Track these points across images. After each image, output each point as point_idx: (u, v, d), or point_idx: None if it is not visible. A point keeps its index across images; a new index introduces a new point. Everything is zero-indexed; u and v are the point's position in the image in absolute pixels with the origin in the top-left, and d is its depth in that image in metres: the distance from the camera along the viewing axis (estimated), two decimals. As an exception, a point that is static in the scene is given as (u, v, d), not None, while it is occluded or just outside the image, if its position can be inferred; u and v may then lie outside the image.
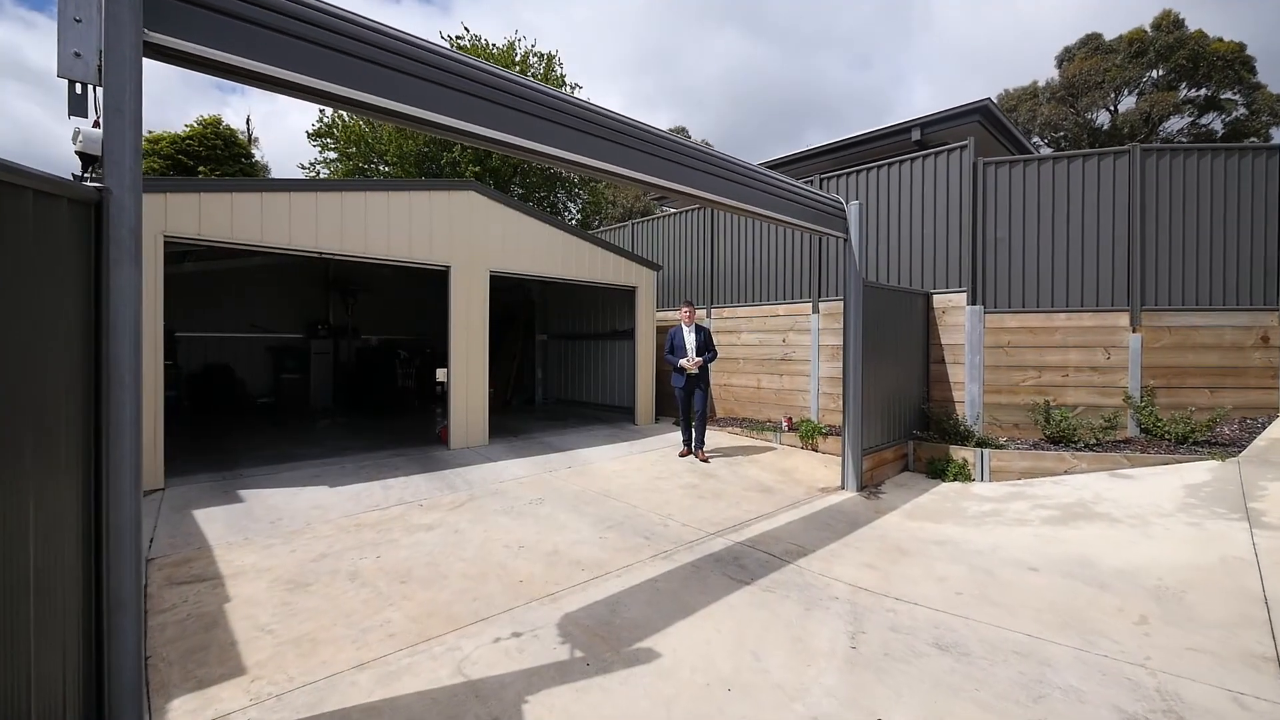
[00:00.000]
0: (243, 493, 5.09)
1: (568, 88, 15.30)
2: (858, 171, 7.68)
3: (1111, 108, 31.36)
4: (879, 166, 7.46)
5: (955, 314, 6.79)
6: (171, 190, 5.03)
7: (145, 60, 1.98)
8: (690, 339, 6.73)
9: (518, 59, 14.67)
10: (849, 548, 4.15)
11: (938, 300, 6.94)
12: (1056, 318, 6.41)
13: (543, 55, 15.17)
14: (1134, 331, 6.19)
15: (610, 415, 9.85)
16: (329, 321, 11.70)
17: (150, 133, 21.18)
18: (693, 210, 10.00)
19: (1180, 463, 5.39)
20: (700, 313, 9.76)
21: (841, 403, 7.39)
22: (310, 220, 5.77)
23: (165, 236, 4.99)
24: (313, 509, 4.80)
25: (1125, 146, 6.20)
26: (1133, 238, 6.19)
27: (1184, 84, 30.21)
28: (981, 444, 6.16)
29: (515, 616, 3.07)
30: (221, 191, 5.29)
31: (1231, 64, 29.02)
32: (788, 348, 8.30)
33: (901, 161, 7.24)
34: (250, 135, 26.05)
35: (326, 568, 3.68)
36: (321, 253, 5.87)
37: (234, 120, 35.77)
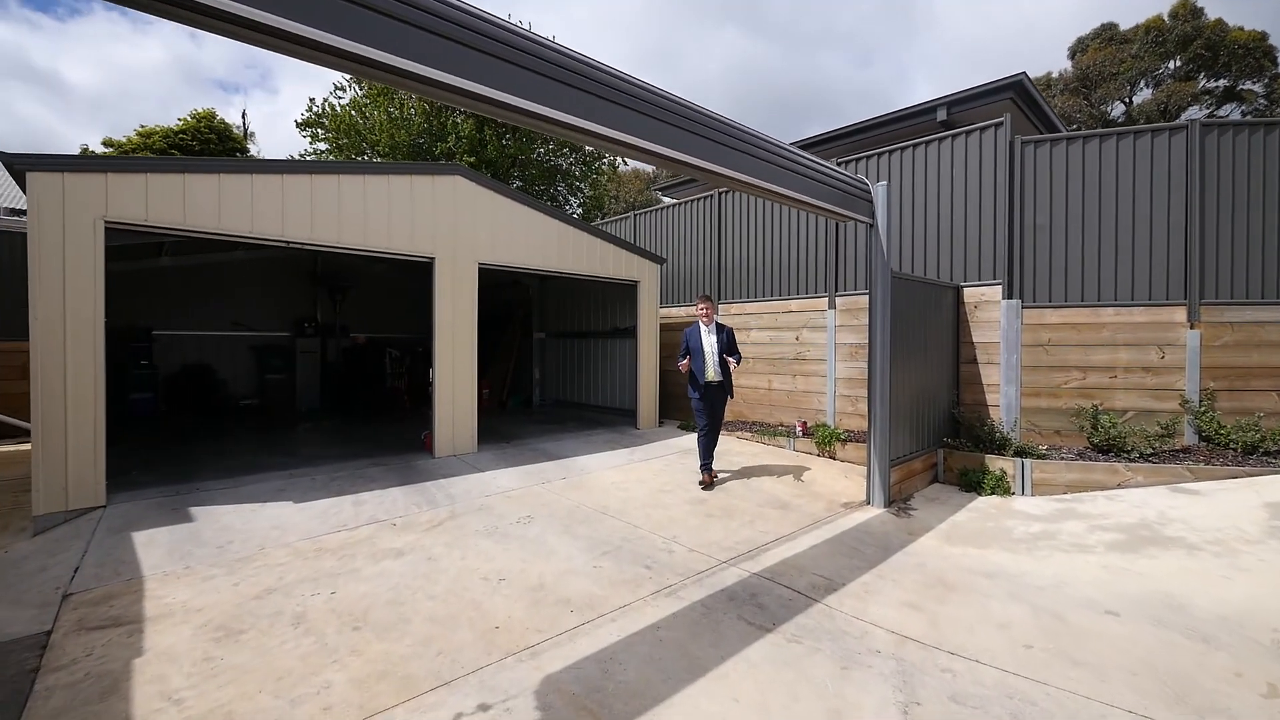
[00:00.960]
0: (195, 510, 4.54)
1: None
2: (878, 155, 7.05)
3: (1127, 99, 30.55)
4: (902, 149, 6.83)
5: (989, 309, 6.17)
6: (113, 170, 4.46)
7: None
8: (710, 341, 5.52)
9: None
10: (885, 580, 3.55)
11: (969, 294, 6.31)
12: (1104, 313, 5.78)
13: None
14: (1191, 328, 5.55)
15: (611, 418, 9.27)
16: (316, 319, 11.15)
17: (142, 126, 20.80)
18: (698, 200, 9.39)
19: (1252, 476, 4.76)
20: (706, 309, 9.15)
21: (864, 407, 6.84)
22: (276, 206, 5.20)
23: (106, 222, 4.42)
24: (271, 529, 4.24)
25: (1182, 122, 5.56)
26: (1190, 223, 5.55)
27: (1202, 74, 29.41)
28: (1021, 453, 5.54)
29: (485, 680, 2.49)
30: (172, 172, 4.72)
31: (1252, 53, 28.19)
32: (801, 346, 7.70)
33: (928, 143, 6.61)
34: (246, 129, 25.54)
35: (270, 607, 3.12)
36: (289, 242, 5.30)
37: (234, 117, 35.29)
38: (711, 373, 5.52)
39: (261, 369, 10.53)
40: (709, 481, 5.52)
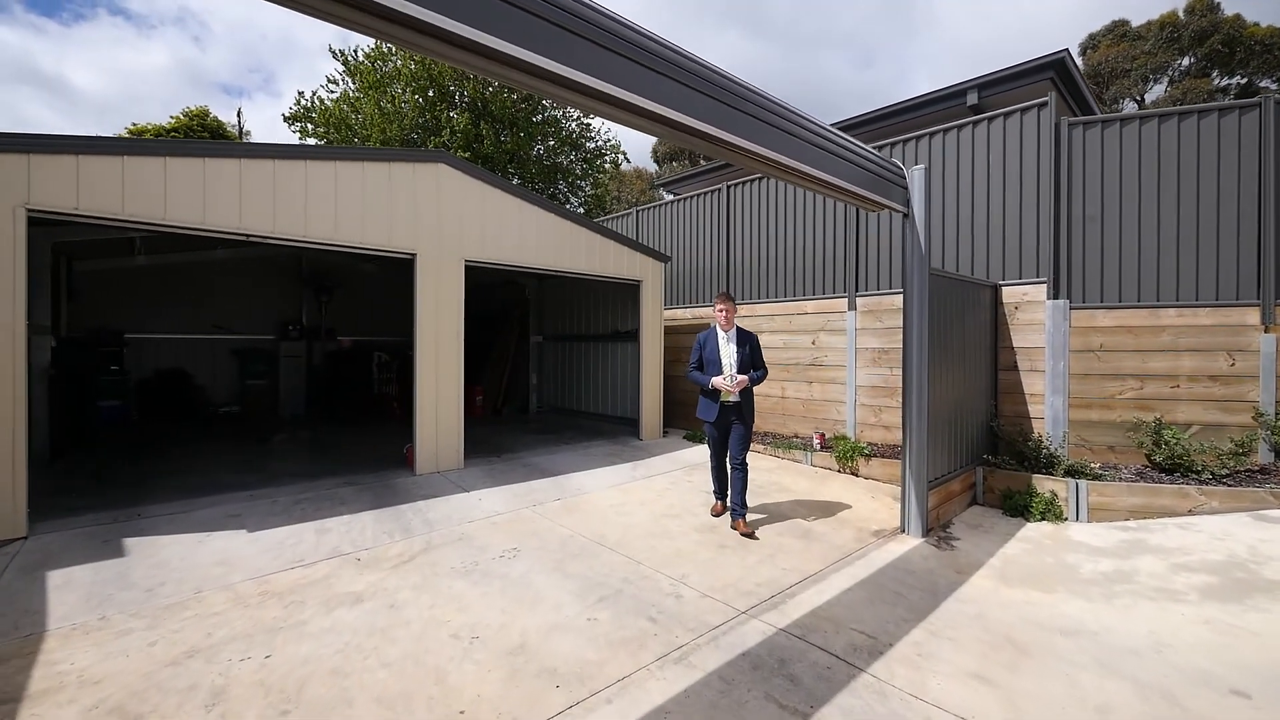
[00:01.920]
0: (131, 541, 3.94)
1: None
2: (904, 142, 6.45)
3: (1139, 97, 29.92)
4: (931, 134, 6.22)
5: (1031, 310, 5.54)
6: (37, 150, 3.88)
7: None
8: (729, 351, 4.41)
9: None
10: (940, 639, 2.92)
11: (1008, 293, 5.69)
12: (1164, 314, 5.15)
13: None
14: (1266, 331, 4.92)
15: (611, 428, 8.66)
16: (302, 321, 10.58)
17: (134, 125, 20.33)
18: (705, 194, 8.80)
19: (1350, 503, 4.12)
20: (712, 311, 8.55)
21: (888, 418, 6.19)
22: (232, 194, 4.61)
23: (29, 211, 3.85)
24: (214, 566, 3.65)
25: (1254, 99, 4.93)
26: (1264, 213, 4.92)
27: (1216, 71, 28.78)
28: (1073, 472, 4.91)
29: (436, 802, 1.88)
30: (109, 154, 4.14)
31: (1271, 49, 27.53)
32: (818, 351, 7.08)
33: (960, 127, 6.00)
34: (241, 128, 25.10)
35: (185, 678, 2.51)
36: (249, 235, 4.71)
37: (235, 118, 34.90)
38: (730, 390, 4.35)
39: (243, 374, 9.96)
40: (722, 510, 4.72)
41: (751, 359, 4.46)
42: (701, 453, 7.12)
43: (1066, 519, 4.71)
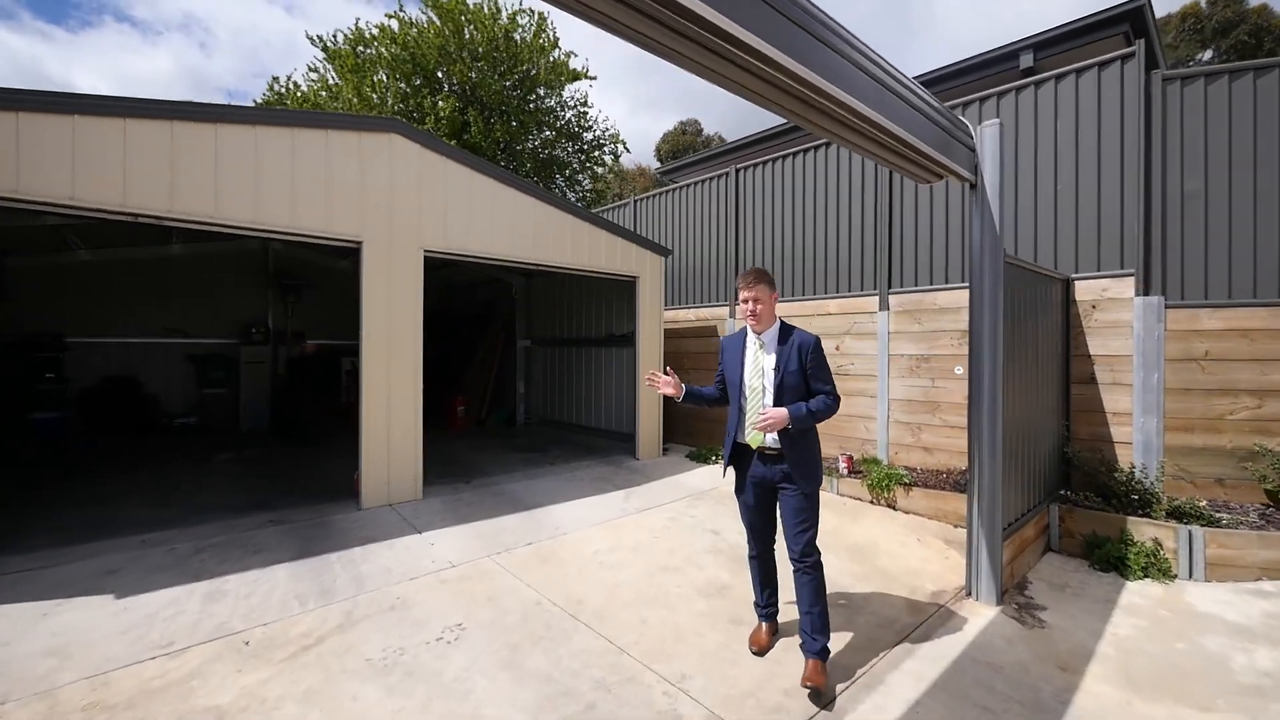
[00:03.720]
0: (-50, 615, 2.97)
1: (560, 51, 13.16)
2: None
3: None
4: (983, 99, 5.21)
5: (1113, 309, 4.51)
6: None
7: None
8: (763, 363, 2.66)
9: (504, 19, 12.61)
10: (1075, 809, 1.90)
11: (1081, 289, 4.67)
12: (1289, 314, 4.11)
13: (533, 13, 13.09)
14: None
15: (604, 444, 7.67)
16: (267, 324, 9.64)
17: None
18: (711, 179, 7.81)
19: None
20: (719, 311, 7.55)
21: (927, 437, 5.02)
22: (115, 163, 3.65)
23: None
24: (44, 657, 2.67)
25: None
26: None
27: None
28: (1180, 515, 3.87)
29: None
30: (-65, 106, 3.18)
31: (1300, 40, 26.36)
32: (843, 358, 6.07)
33: (1019, 89, 4.99)
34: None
35: None
36: (136, 215, 3.75)
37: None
38: (756, 429, 2.58)
39: (200, 381, 9.02)
40: (767, 644, 2.82)
41: (806, 377, 2.59)
42: (707, 476, 6.11)
43: (1176, 576, 3.68)
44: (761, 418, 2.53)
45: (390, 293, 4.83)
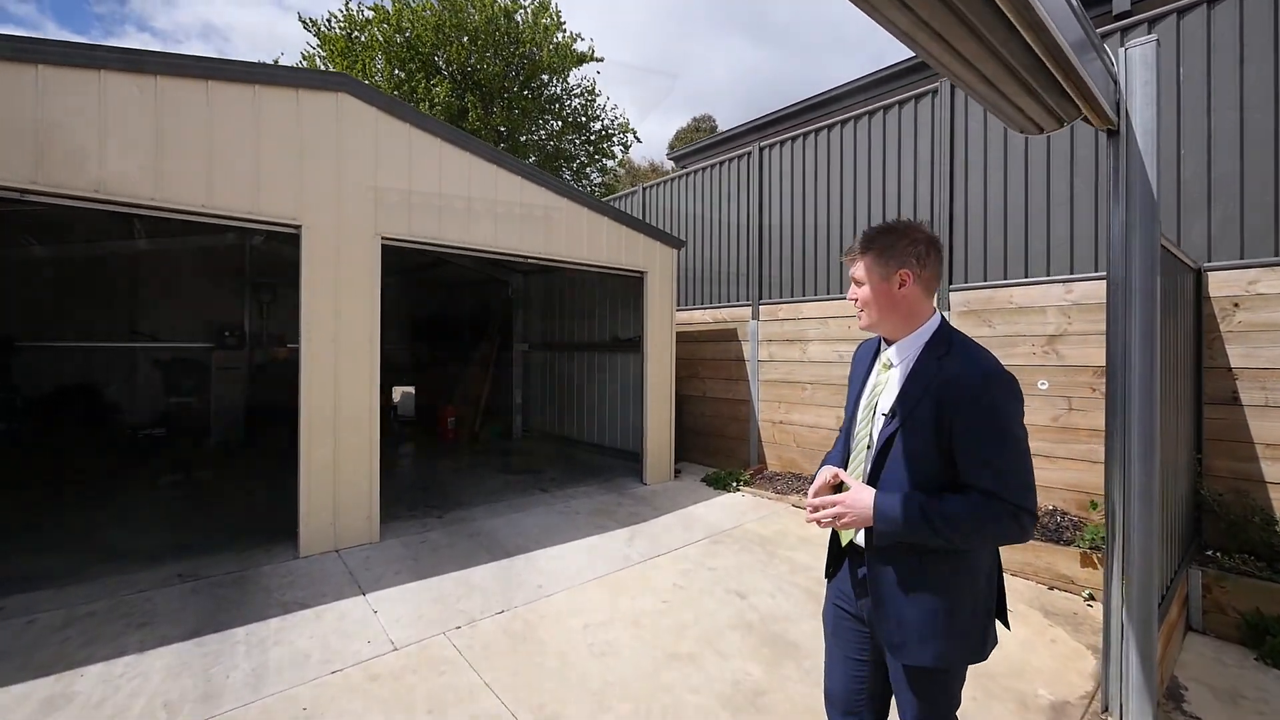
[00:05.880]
0: None
1: (565, 34, 12.27)
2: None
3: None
4: (1124, 29, 4.16)
5: (1265, 307, 3.46)
6: None
7: None
8: (882, 398, 1.43)
9: (505, 3, 11.78)
10: None
11: (1216, 282, 3.61)
12: None
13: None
14: None
15: (608, 465, 6.72)
16: (243, 327, 8.83)
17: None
18: (729, 160, 6.84)
19: None
20: (740, 312, 6.55)
21: (1052, 481, 3.87)
22: (-46, 116, 2.78)
23: None
24: None
25: None
26: None
27: None
28: (1388, 592, 2.81)
29: None
30: None
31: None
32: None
33: (1183, 10, 3.94)
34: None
35: None
36: (-12, 186, 2.87)
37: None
38: (814, 520, 1.39)
39: (168, 390, 8.24)
40: None
41: (945, 447, 1.32)
42: (728, 509, 5.13)
43: (1396, 682, 2.62)
44: (823, 503, 1.36)
45: (338, 287, 3.92)
